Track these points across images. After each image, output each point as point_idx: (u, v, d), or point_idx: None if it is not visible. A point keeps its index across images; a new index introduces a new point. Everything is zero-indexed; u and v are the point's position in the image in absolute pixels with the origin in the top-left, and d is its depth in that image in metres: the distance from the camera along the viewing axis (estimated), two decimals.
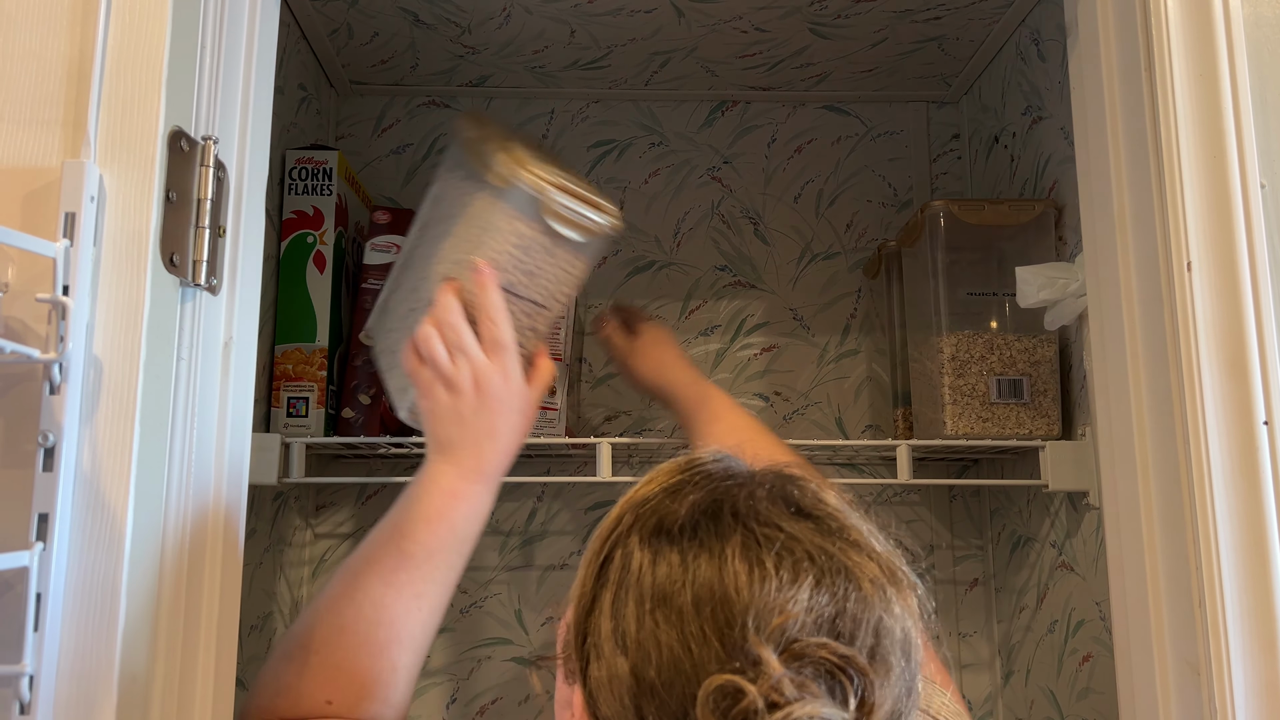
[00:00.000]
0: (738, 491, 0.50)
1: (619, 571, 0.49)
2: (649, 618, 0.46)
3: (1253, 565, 0.65)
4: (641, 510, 0.51)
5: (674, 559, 0.47)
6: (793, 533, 0.47)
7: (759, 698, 0.42)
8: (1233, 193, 0.69)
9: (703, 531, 0.48)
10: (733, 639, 0.44)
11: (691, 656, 0.44)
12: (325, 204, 1.11)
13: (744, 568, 0.46)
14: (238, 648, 0.68)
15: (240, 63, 0.70)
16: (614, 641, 0.47)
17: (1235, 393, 0.67)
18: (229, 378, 0.67)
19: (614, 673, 0.46)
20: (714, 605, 0.45)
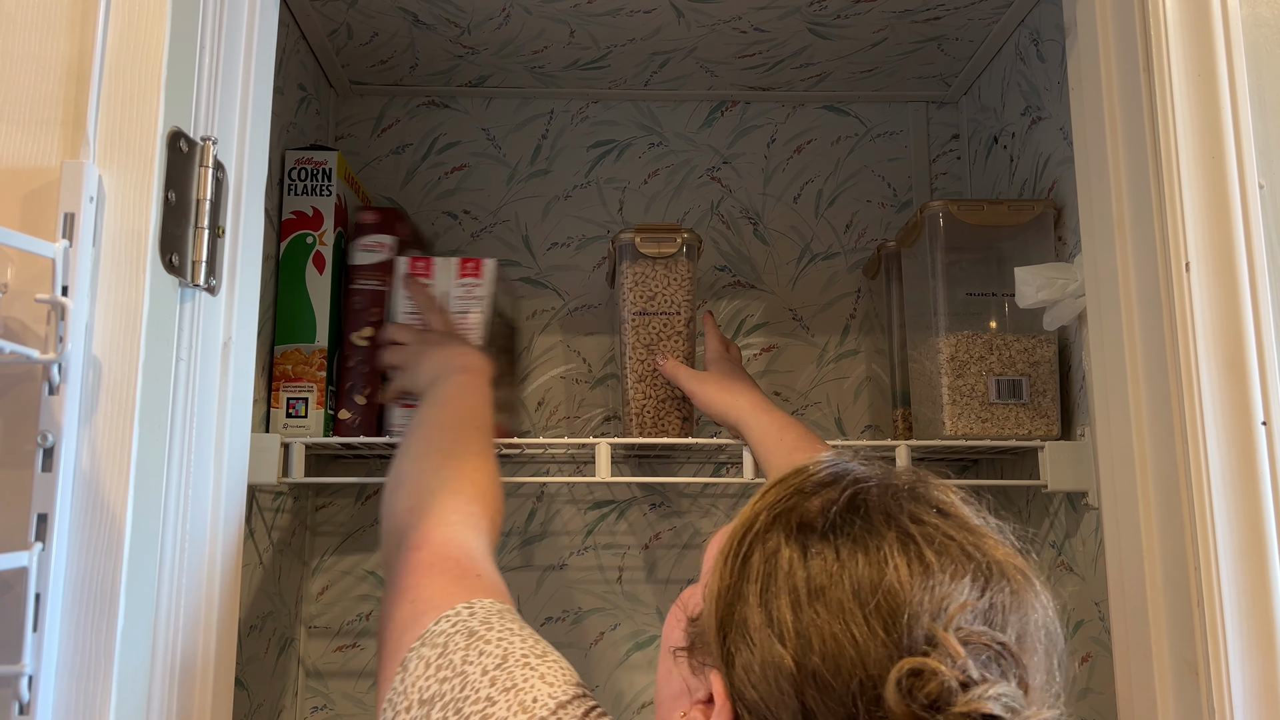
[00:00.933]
0: (878, 491, 0.54)
1: (764, 566, 0.52)
2: (807, 608, 0.49)
3: (1251, 565, 0.65)
4: (778, 510, 0.54)
5: (827, 554, 0.51)
6: (945, 530, 0.52)
7: (951, 678, 0.45)
8: (1231, 193, 0.69)
9: (854, 528, 0.51)
10: (900, 628, 0.47)
11: (856, 645, 0.48)
12: (324, 204, 1.11)
13: (903, 562, 0.49)
14: (237, 648, 0.68)
15: (239, 63, 0.70)
16: (768, 631, 0.50)
17: (1234, 393, 0.67)
18: (228, 378, 0.67)
19: (770, 660, 0.49)
20: (878, 597, 0.48)
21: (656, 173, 1.37)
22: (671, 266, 1.11)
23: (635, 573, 1.30)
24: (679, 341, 1.11)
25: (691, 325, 1.12)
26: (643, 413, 1.10)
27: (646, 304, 1.11)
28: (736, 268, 1.35)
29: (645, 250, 1.10)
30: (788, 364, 1.33)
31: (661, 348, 1.11)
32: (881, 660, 0.47)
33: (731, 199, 1.36)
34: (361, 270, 1.12)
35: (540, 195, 1.36)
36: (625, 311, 1.11)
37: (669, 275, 1.11)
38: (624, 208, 1.36)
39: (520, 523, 1.30)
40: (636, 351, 1.10)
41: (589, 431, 1.31)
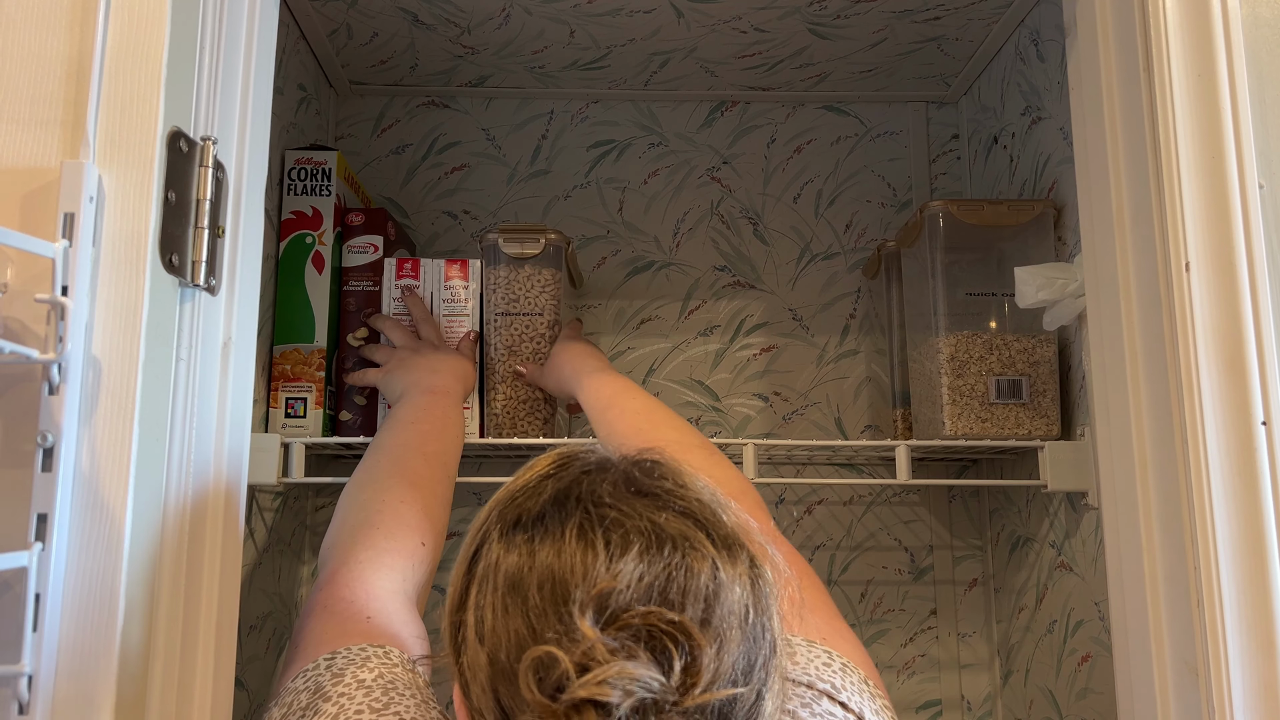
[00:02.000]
0: (588, 479, 0.51)
1: (482, 566, 0.50)
2: (500, 607, 0.48)
3: (1251, 565, 0.65)
4: (505, 506, 0.52)
5: (524, 548, 0.49)
6: (626, 510, 0.49)
7: (570, 664, 0.43)
8: (1231, 193, 0.69)
9: (549, 519, 0.49)
10: (569, 616, 0.45)
11: (535, 636, 0.46)
12: (324, 204, 1.11)
13: (578, 547, 0.47)
14: (237, 648, 0.68)
15: (239, 63, 0.70)
16: (475, 633, 0.48)
17: (1233, 393, 0.67)
18: (228, 378, 0.67)
19: (476, 662, 0.48)
20: (552, 585, 0.46)
21: (656, 173, 1.37)
22: (535, 267, 1.10)
23: None
24: (541, 344, 1.09)
25: (555, 328, 1.11)
26: (502, 414, 1.09)
27: (509, 305, 1.09)
28: (736, 268, 1.35)
29: (508, 250, 1.09)
30: (787, 364, 1.33)
31: (523, 350, 1.09)
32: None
33: (731, 199, 1.36)
34: (353, 272, 1.12)
35: (540, 195, 1.36)
36: (488, 312, 1.10)
37: (533, 276, 1.10)
38: (624, 208, 1.36)
39: None
40: (499, 353, 1.09)
41: (589, 432, 1.31)
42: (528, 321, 1.09)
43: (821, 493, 1.32)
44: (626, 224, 1.35)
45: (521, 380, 1.09)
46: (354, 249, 1.13)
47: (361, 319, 1.11)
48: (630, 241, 1.35)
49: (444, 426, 0.92)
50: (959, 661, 1.29)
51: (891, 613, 1.30)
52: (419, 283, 1.11)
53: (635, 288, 1.34)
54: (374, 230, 1.13)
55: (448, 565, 1.27)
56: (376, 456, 0.86)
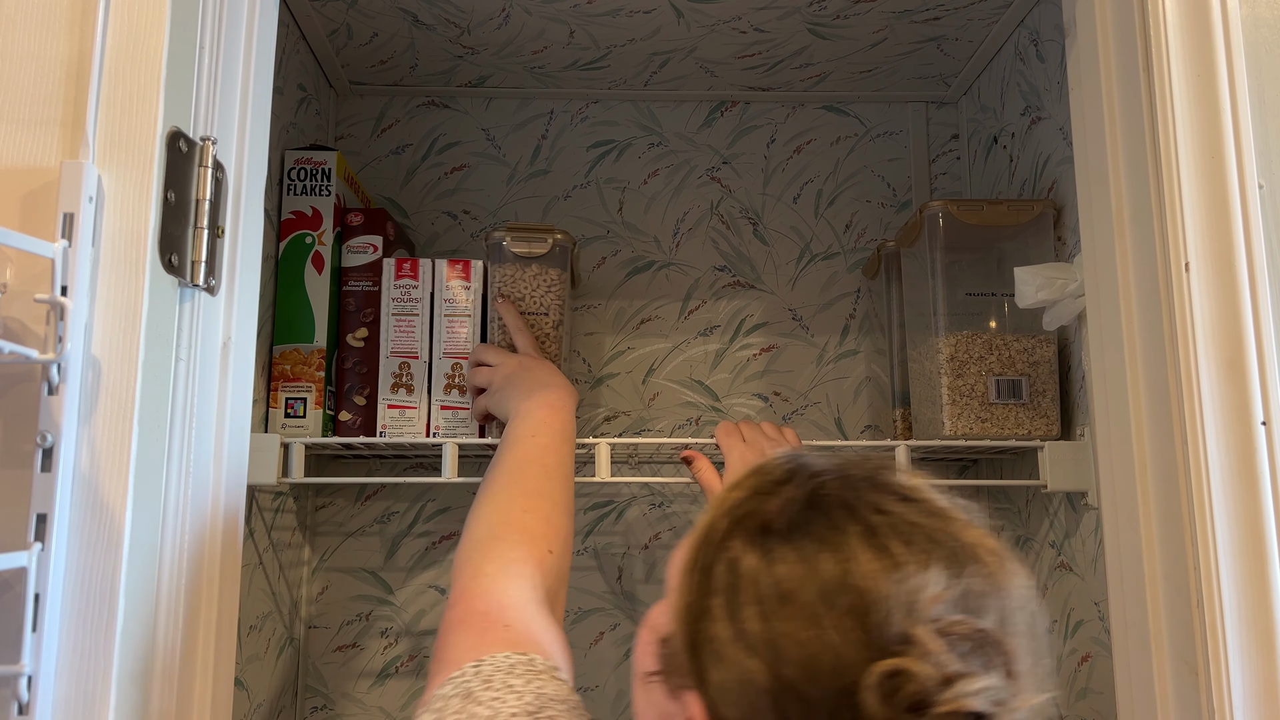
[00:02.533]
0: (836, 484, 0.51)
1: (727, 577, 0.49)
2: (776, 617, 0.47)
3: (1251, 566, 0.65)
4: (736, 515, 0.51)
5: (790, 556, 0.48)
6: (908, 518, 0.49)
7: (930, 676, 0.43)
8: (1231, 193, 0.69)
9: (815, 525, 0.49)
10: (874, 626, 0.45)
11: (832, 649, 0.45)
12: (324, 204, 1.11)
13: (870, 556, 0.47)
14: (236, 648, 0.68)
15: (239, 63, 0.70)
16: (739, 645, 0.47)
17: (1233, 393, 0.67)
18: (228, 378, 0.67)
19: (744, 676, 0.47)
20: (848, 596, 0.46)
21: (656, 173, 1.37)
22: (542, 266, 1.10)
23: (635, 573, 1.30)
24: (547, 343, 1.09)
25: (561, 327, 1.10)
26: None
27: (515, 304, 1.09)
28: (736, 268, 1.35)
29: (516, 250, 1.09)
30: (787, 364, 1.33)
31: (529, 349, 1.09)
32: (859, 663, 0.44)
33: (731, 199, 1.36)
34: (352, 272, 1.12)
35: (540, 195, 1.36)
36: (493, 311, 1.10)
37: (539, 276, 1.10)
38: (624, 208, 1.36)
39: None
40: None
41: (589, 431, 1.31)
42: (533, 321, 1.09)
43: None
44: (626, 224, 1.35)
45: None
46: (353, 249, 1.12)
47: (362, 320, 1.11)
48: (630, 241, 1.35)
49: (562, 439, 0.91)
50: None
51: None
52: (417, 283, 1.10)
53: (635, 288, 1.34)
54: (373, 230, 1.13)
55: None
56: (498, 472, 0.86)
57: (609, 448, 1.04)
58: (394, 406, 1.08)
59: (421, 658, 1.26)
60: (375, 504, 1.29)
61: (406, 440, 1.07)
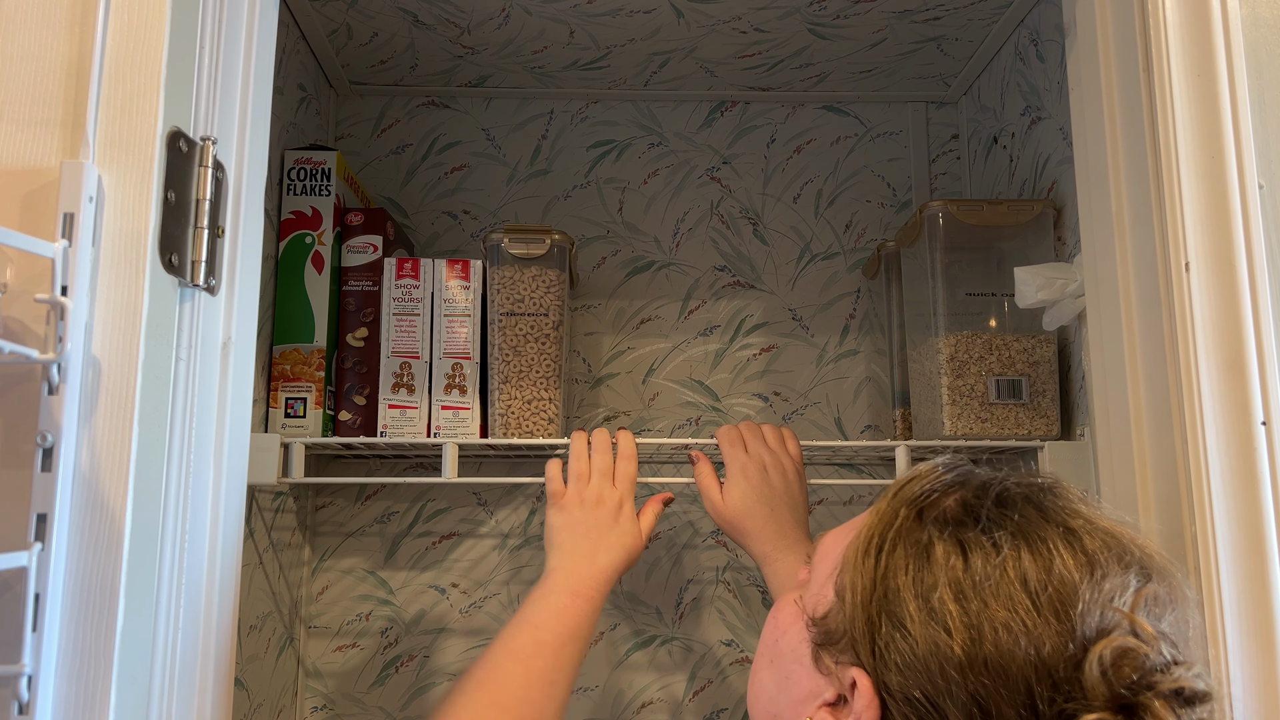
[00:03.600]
0: (1021, 488, 0.56)
1: (915, 561, 0.53)
2: (974, 600, 0.51)
3: (1251, 565, 0.65)
4: (920, 506, 0.56)
5: (988, 547, 0.52)
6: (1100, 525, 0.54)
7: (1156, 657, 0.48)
8: (1231, 193, 0.69)
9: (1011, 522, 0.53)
10: (1072, 618, 0.49)
11: (1029, 633, 0.49)
12: (324, 204, 1.11)
13: (1069, 555, 0.52)
14: (237, 648, 0.68)
15: (239, 63, 0.70)
16: (932, 624, 0.51)
17: (1233, 393, 0.67)
18: (228, 378, 0.67)
19: (934, 651, 0.50)
20: (1050, 589, 0.50)
21: (656, 173, 1.37)
22: (540, 268, 1.10)
23: (635, 573, 1.30)
24: (546, 344, 1.09)
25: (561, 328, 1.10)
26: (508, 414, 1.09)
27: (514, 305, 1.09)
28: (736, 268, 1.35)
29: (514, 251, 1.09)
30: (787, 364, 1.33)
31: (527, 350, 1.09)
32: (1057, 648, 0.48)
33: (731, 199, 1.36)
34: (352, 272, 1.12)
35: (540, 195, 1.36)
36: (492, 312, 1.10)
37: (538, 277, 1.10)
38: (624, 208, 1.36)
39: (520, 523, 1.30)
40: (503, 353, 1.09)
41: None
42: (532, 322, 1.09)
43: (821, 493, 1.32)
44: (626, 224, 1.35)
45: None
46: (353, 249, 1.13)
47: (362, 320, 1.11)
48: (630, 241, 1.35)
49: (568, 640, 0.83)
50: None
51: None
52: (419, 283, 1.10)
53: (635, 288, 1.34)
54: (373, 230, 1.13)
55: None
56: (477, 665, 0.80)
57: None
58: (395, 406, 1.08)
59: (422, 657, 1.26)
60: (375, 504, 1.29)
61: (407, 440, 1.07)
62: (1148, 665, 0.47)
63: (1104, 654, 0.47)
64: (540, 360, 1.09)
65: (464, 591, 1.28)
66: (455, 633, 1.27)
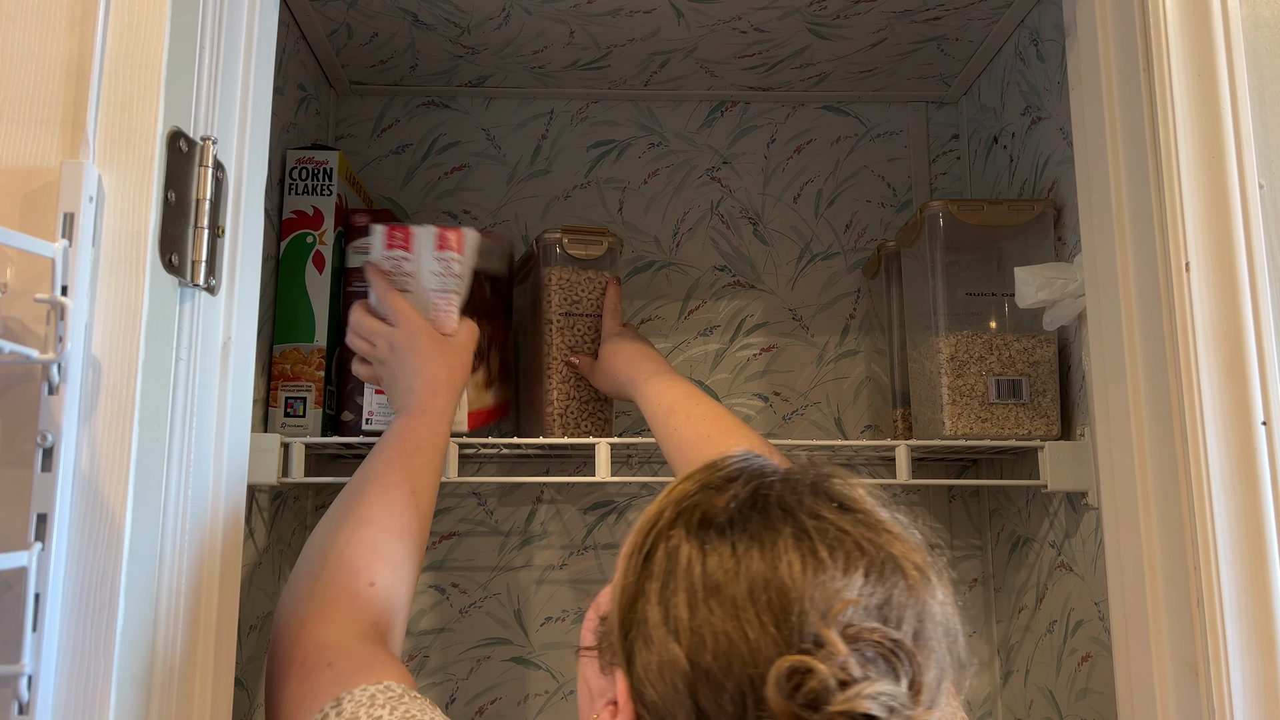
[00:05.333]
0: (780, 487, 0.53)
1: (665, 563, 0.51)
2: (702, 606, 0.48)
3: (1251, 565, 0.65)
4: (683, 506, 0.53)
5: (724, 550, 0.50)
6: (841, 525, 0.50)
7: (830, 676, 0.45)
8: (1231, 193, 0.69)
9: (752, 524, 0.50)
10: (790, 625, 0.46)
11: (748, 642, 0.47)
12: (325, 204, 1.11)
13: (797, 558, 0.48)
14: (237, 648, 0.68)
15: (239, 63, 0.70)
16: (665, 629, 0.49)
17: (1233, 393, 0.67)
18: (228, 378, 0.67)
19: (666, 659, 0.48)
20: (770, 594, 0.47)
21: (656, 173, 1.37)
22: (597, 270, 1.10)
23: None
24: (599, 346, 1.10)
25: None
26: (565, 414, 1.09)
27: (572, 306, 1.09)
28: (736, 268, 1.35)
29: (573, 252, 1.09)
30: (787, 364, 1.33)
31: (584, 350, 1.10)
32: (771, 658, 0.46)
33: (731, 199, 1.36)
34: (356, 273, 1.11)
35: (540, 195, 1.36)
36: (551, 313, 1.09)
37: (594, 279, 1.10)
38: (624, 208, 1.36)
39: (520, 523, 1.30)
40: (560, 353, 1.09)
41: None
42: (590, 323, 1.10)
43: None
44: (626, 224, 1.35)
45: (573, 370, 1.09)
46: (358, 250, 1.12)
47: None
48: (630, 241, 1.35)
49: (414, 450, 0.86)
50: None
51: None
52: (410, 254, 0.97)
53: (635, 288, 1.34)
54: None
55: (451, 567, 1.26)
56: (341, 495, 0.83)
57: (609, 448, 1.04)
58: (381, 392, 1.08)
59: (421, 657, 1.26)
60: None
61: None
62: (824, 684, 0.44)
63: (780, 671, 0.45)
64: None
65: (464, 591, 1.28)
66: (455, 633, 1.27)
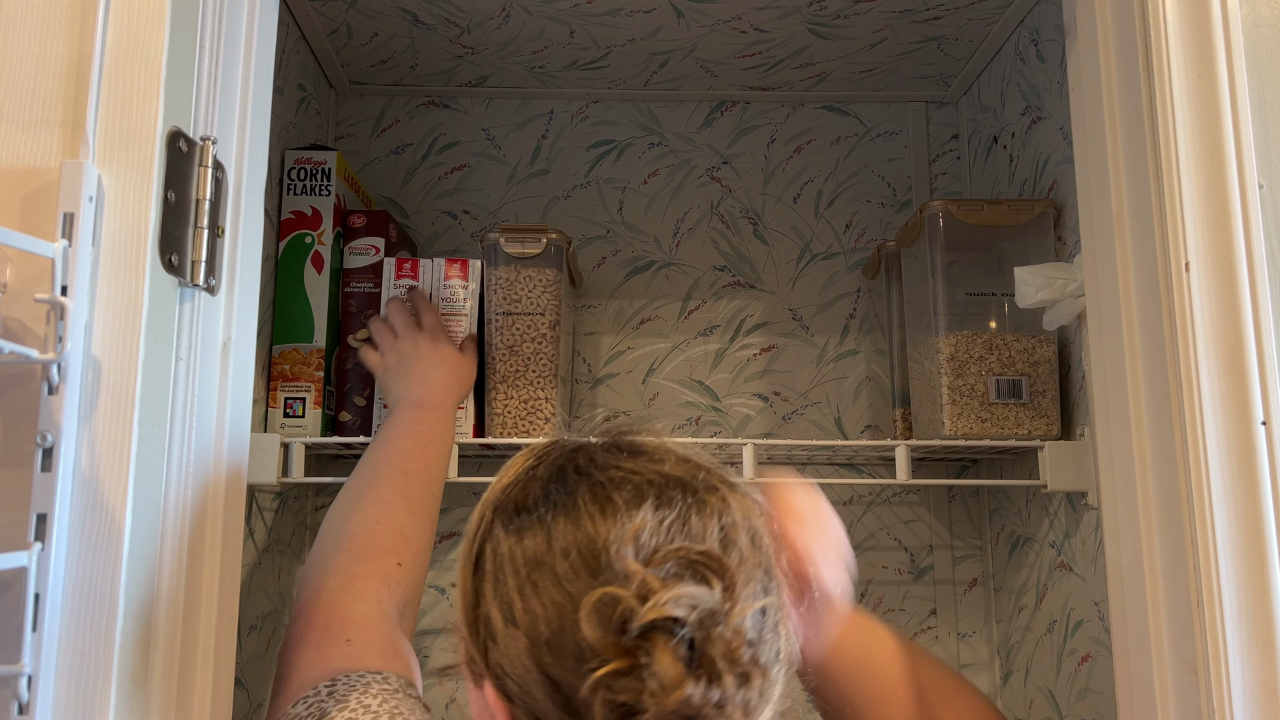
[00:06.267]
0: (577, 454, 0.55)
1: (491, 560, 0.52)
2: (529, 586, 0.50)
3: (1251, 565, 0.65)
4: (498, 503, 0.54)
5: (535, 528, 0.51)
6: (630, 468, 0.52)
7: (631, 596, 0.46)
8: (1231, 193, 0.69)
9: (553, 495, 0.52)
10: (602, 571, 0.48)
11: (574, 600, 0.48)
12: (324, 204, 1.11)
13: (596, 509, 0.50)
14: (237, 648, 0.68)
15: (239, 63, 0.70)
16: (504, 621, 0.50)
17: (1233, 393, 0.67)
18: (227, 378, 0.67)
19: (513, 646, 0.49)
20: (578, 549, 0.49)
21: (656, 173, 1.37)
22: (537, 267, 1.10)
23: None
24: (543, 344, 1.09)
25: (558, 328, 1.10)
26: (505, 414, 1.09)
27: (511, 305, 1.09)
28: (736, 267, 1.35)
29: (510, 250, 1.09)
30: (787, 364, 1.33)
31: (524, 349, 1.09)
32: None
33: (731, 199, 1.36)
34: (354, 273, 1.12)
35: (540, 195, 1.36)
36: (490, 311, 1.09)
37: (535, 277, 1.10)
38: (624, 208, 1.36)
39: None
40: (500, 352, 1.09)
41: (589, 432, 1.30)
42: (529, 321, 1.09)
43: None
44: (626, 224, 1.35)
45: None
46: (356, 250, 1.13)
47: (363, 322, 1.11)
48: (630, 241, 1.35)
49: (429, 442, 0.90)
50: (959, 661, 1.29)
51: (891, 613, 1.30)
52: (419, 283, 1.10)
53: (635, 288, 1.34)
54: (376, 232, 1.13)
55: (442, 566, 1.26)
56: (358, 476, 0.85)
57: None
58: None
59: (421, 658, 1.26)
60: None
61: None
62: (626, 605, 0.46)
63: (588, 608, 0.46)
64: (537, 360, 1.09)
65: None
66: (453, 633, 1.27)
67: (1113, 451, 0.76)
